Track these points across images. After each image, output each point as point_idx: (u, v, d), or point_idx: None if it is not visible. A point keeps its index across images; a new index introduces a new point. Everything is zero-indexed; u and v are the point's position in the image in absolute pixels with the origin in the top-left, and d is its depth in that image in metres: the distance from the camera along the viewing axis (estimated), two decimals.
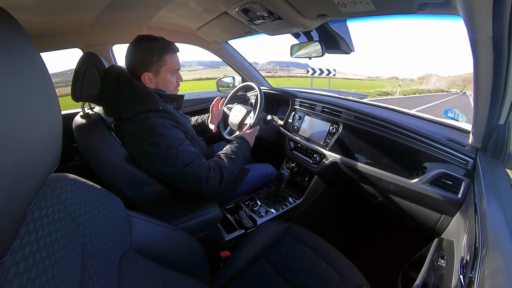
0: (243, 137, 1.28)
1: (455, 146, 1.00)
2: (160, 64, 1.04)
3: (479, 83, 0.75)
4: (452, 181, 0.98)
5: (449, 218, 1.03)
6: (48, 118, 0.35)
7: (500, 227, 0.53)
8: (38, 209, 0.38)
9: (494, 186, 0.71)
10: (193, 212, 1.02)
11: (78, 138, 0.98)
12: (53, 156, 0.37)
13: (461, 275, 0.58)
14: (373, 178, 1.24)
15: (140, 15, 1.36)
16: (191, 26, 1.68)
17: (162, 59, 1.04)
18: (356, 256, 1.07)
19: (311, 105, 1.61)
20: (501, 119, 0.82)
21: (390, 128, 1.18)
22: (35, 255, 0.33)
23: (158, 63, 1.04)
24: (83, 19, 1.24)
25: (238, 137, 1.30)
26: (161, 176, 1.03)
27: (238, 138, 1.28)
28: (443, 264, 0.75)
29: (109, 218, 0.53)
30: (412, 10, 0.80)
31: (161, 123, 0.97)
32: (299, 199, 1.53)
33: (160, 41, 1.05)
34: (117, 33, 1.53)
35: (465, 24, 0.62)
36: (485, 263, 0.47)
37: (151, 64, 1.03)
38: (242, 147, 1.22)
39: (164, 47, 1.04)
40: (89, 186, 0.51)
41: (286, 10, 1.06)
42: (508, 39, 0.59)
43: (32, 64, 0.33)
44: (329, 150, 1.43)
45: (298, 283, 0.89)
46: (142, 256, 0.60)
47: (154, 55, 1.02)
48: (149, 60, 1.02)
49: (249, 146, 1.27)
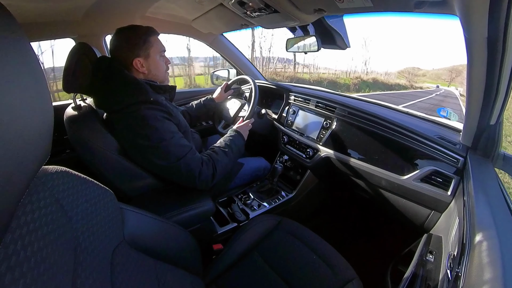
0: (237, 130, 1.28)
1: (446, 145, 1.01)
2: (148, 46, 1.04)
3: (472, 83, 0.76)
4: (442, 178, 1.00)
5: (438, 215, 1.06)
6: (39, 109, 0.34)
7: (487, 225, 0.54)
8: (29, 202, 0.37)
9: (483, 184, 0.73)
10: (186, 205, 1.02)
11: (69, 130, 0.97)
12: (44, 149, 0.37)
13: (448, 270, 0.59)
14: (365, 174, 1.25)
15: (135, 5, 1.33)
16: (187, 17, 1.65)
17: (148, 42, 1.04)
18: (347, 250, 1.09)
19: (306, 100, 1.61)
20: (492, 120, 0.83)
21: (383, 125, 1.19)
22: (27, 249, 0.33)
23: (145, 45, 1.03)
24: (76, 7, 1.21)
25: (232, 130, 1.29)
26: (153, 169, 1.03)
27: (232, 131, 1.28)
28: (431, 259, 0.77)
29: (101, 211, 0.52)
30: (409, 8, 0.80)
31: (153, 115, 0.96)
32: (291, 193, 1.54)
33: (140, 26, 1.05)
34: (110, 23, 1.48)
35: (461, 24, 0.62)
36: (471, 258, 0.49)
37: (139, 48, 1.02)
38: (236, 141, 1.22)
39: (146, 30, 1.05)
40: (81, 179, 0.50)
41: (283, 3, 1.05)
42: (503, 40, 0.60)
43: (22, 54, 0.32)
44: (322, 145, 1.44)
45: (290, 276, 0.91)
46: (134, 249, 0.60)
47: (140, 39, 1.02)
48: (136, 45, 1.02)
49: (243, 140, 1.27)
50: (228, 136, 1.24)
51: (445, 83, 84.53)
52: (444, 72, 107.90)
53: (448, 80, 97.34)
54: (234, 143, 1.20)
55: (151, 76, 1.08)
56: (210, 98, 1.69)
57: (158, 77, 1.10)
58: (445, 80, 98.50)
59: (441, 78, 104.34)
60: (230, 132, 1.27)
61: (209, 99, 1.69)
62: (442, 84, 78.13)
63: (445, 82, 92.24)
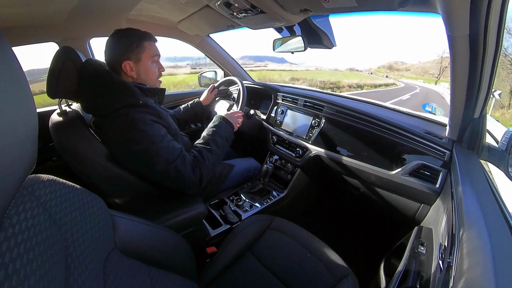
0: (223, 117, 1.22)
1: (432, 139, 1.04)
2: (140, 51, 1.02)
3: (456, 78, 0.78)
4: (430, 172, 1.02)
5: (428, 207, 1.08)
6: (23, 116, 0.33)
7: (475, 215, 0.56)
8: (16, 213, 0.36)
9: (469, 176, 0.75)
10: (177, 209, 1.01)
11: (55, 137, 0.94)
12: (30, 157, 0.35)
13: (440, 261, 0.61)
14: (355, 170, 1.27)
15: (118, 7, 1.31)
16: (172, 19, 1.64)
17: (141, 46, 1.02)
18: (340, 246, 1.10)
19: (293, 99, 1.62)
20: (476, 113, 0.86)
21: (371, 122, 1.22)
22: (15, 262, 0.32)
23: (137, 49, 1.01)
24: (58, 10, 1.18)
25: (217, 117, 1.22)
26: (143, 173, 1.01)
27: (217, 118, 1.22)
28: (423, 251, 0.79)
29: (91, 219, 0.51)
30: (393, 7, 0.82)
31: (142, 118, 0.94)
32: (283, 193, 1.55)
33: (138, 30, 1.03)
34: (94, 26, 1.46)
35: (444, 22, 0.64)
36: (461, 248, 0.50)
37: (130, 51, 1.00)
38: (221, 131, 1.16)
39: (142, 34, 1.03)
40: (69, 187, 0.49)
41: (269, 4, 1.06)
42: (483, 37, 0.62)
43: (3, 59, 0.31)
44: (311, 144, 1.45)
45: (285, 275, 0.91)
46: (127, 257, 0.59)
47: (133, 42, 1.00)
48: (127, 47, 1.00)
49: (231, 127, 1.22)
50: (211, 127, 1.17)
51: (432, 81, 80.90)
52: (432, 65, 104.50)
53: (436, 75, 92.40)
54: (218, 134, 1.14)
55: (140, 80, 1.06)
56: (197, 102, 1.68)
57: (147, 82, 1.08)
58: (433, 75, 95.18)
59: (428, 73, 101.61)
60: (214, 120, 1.21)
61: (197, 102, 1.68)
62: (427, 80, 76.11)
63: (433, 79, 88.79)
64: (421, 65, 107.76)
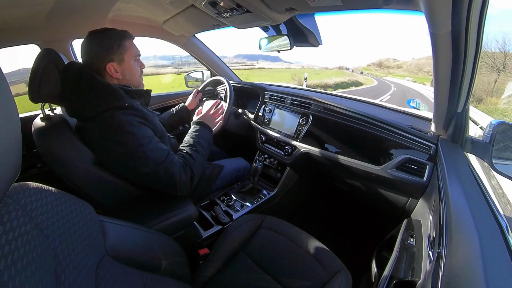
0: (200, 122, 1.24)
1: (418, 133, 1.06)
2: (122, 51, 1.00)
3: (439, 75, 0.81)
4: (416, 165, 1.05)
5: (416, 200, 1.11)
6: (5, 122, 0.32)
7: (461, 205, 0.58)
8: (1, 223, 0.34)
9: (454, 168, 0.77)
10: (167, 212, 0.99)
11: (38, 142, 0.91)
12: (14, 164, 0.34)
13: (430, 251, 0.62)
14: (343, 166, 1.29)
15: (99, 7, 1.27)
16: (157, 19, 1.61)
17: (123, 46, 1.00)
18: (332, 241, 1.11)
19: (281, 98, 1.63)
20: (459, 107, 0.89)
21: (357, 118, 1.24)
22: (3, 274, 0.30)
23: (119, 50, 0.99)
24: (35, 13, 1.13)
25: (194, 122, 1.24)
26: (131, 177, 0.99)
27: (194, 124, 1.24)
28: (413, 242, 0.81)
29: (80, 226, 0.50)
30: (377, 5, 0.83)
31: (129, 120, 0.92)
32: (273, 191, 1.55)
33: (114, 30, 1.01)
34: (76, 27, 1.41)
35: (426, 19, 0.66)
36: (450, 238, 0.51)
37: (113, 52, 0.98)
38: (202, 133, 1.19)
39: (121, 34, 1.01)
40: (55, 194, 0.47)
41: (254, 3, 1.05)
42: (465, 34, 0.64)
43: None
44: (300, 142, 1.46)
45: (279, 273, 0.91)
46: (119, 262, 0.58)
47: (114, 43, 0.98)
48: (109, 49, 0.98)
49: (209, 130, 1.23)
50: (193, 131, 1.19)
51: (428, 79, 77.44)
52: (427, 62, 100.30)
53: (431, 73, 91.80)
54: (201, 137, 1.16)
55: (126, 81, 1.04)
56: (182, 106, 1.67)
57: (132, 82, 1.07)
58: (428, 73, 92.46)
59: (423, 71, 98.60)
60: (193, 126, 1.23)
61: (182, 107, 1.67)
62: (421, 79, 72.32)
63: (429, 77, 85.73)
64: (415, 62, 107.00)
